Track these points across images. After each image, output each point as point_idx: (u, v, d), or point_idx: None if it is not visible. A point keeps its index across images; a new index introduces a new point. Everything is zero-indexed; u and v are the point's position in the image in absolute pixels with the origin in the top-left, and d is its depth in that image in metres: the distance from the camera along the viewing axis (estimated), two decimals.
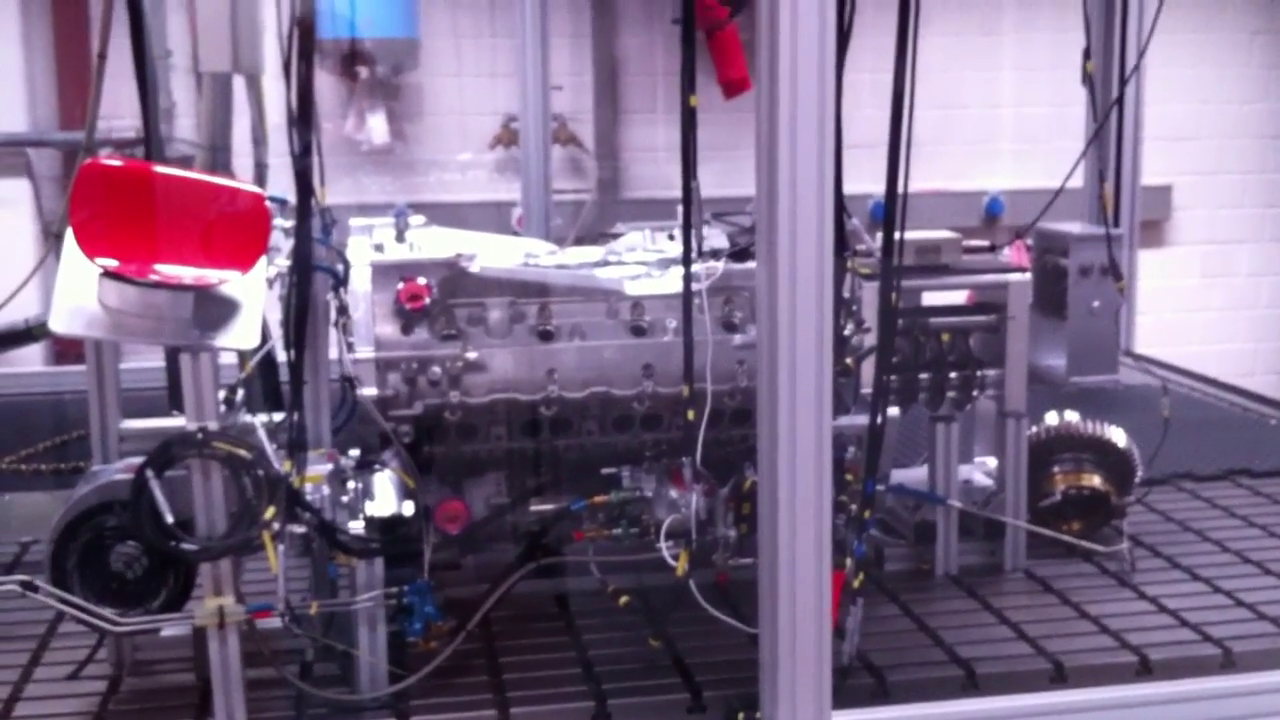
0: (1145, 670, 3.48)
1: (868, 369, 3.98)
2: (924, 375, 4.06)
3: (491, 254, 3.82)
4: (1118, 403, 5.74)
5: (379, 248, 3.75)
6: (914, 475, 4.31)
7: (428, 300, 3.57)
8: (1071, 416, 4.41)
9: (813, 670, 2.96)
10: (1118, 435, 4.34)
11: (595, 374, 3.69)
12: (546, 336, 3.68)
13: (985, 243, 4.28)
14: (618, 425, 3.74)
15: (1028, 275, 4.16)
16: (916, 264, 4.08)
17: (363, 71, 8.03)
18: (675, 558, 3.44)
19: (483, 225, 5.37)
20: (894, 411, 3.94)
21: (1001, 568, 4.11)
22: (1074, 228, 6.28)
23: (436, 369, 3.56)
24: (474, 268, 3.62)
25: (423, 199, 8.08)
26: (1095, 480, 4.27)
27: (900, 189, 3.27)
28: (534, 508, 3.77)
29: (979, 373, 4.10)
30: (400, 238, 3.78)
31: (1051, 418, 4.41)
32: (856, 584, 3.34)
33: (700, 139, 3.39)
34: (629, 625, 3.60)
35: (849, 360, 3.88)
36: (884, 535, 4.20)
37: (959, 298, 4.38)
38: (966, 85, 9.07)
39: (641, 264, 3.86)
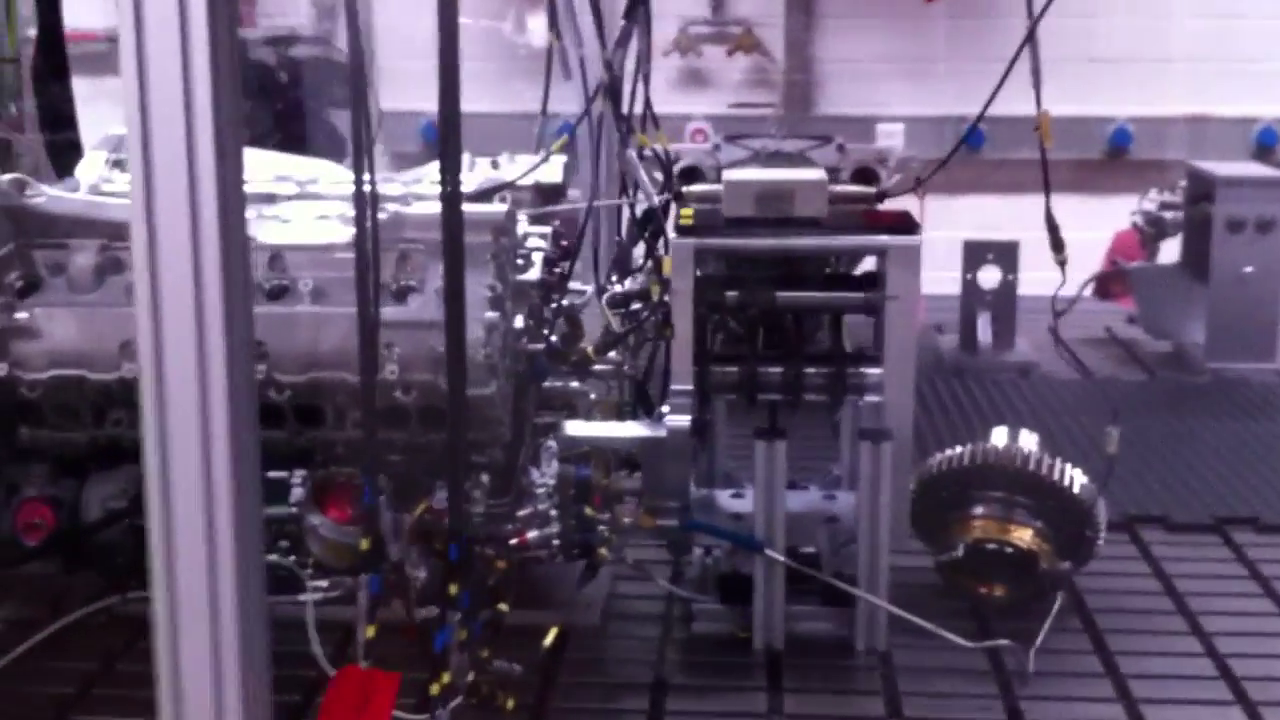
0: None
1: (679, 359, 2.91)
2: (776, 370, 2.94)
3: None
4: (1257, 404, 4.35)
5: None
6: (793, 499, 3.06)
7: None
8: (1028, 441, 3.13)
9: None
10: (1076, 477, 3.03)
11: None
12: None
13: (871, 189, 3.02)
14: (265, 419, 2.78)
15: (918, 239, 2.89)
16: (756, 216, 2.94)
17: None
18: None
19: None
20: (679, 421, 2.82)
21: (851, 646, 2.92)
22: (1231, 169, 4.77)
23: None
24: (38, 200, 2.72)
25: None
26: (1025, 535, 3.00)
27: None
28: None
29: (851, 370, 2.92)
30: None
31: (999, 436, 3.15)
32: (435, 690, 2.29)
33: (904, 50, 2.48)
34: None
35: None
36: (692, 592, 3.05)
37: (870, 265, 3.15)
38: None
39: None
